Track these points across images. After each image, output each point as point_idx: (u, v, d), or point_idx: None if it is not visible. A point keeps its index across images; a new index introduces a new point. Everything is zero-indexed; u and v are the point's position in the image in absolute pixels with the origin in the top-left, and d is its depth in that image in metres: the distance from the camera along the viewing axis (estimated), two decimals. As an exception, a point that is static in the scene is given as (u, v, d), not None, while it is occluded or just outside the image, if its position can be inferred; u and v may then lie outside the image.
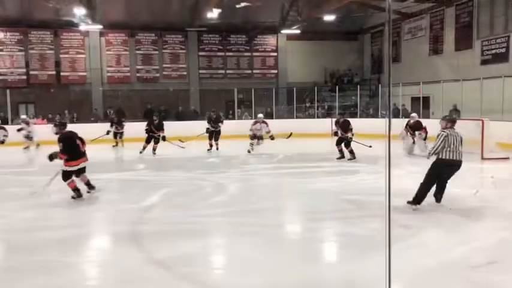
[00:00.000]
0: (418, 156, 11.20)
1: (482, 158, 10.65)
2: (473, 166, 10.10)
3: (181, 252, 4.62)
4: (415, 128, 11.66)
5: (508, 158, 10.61)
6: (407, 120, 12.24)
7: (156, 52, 21.24)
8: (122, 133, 14.83)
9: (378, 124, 15.29)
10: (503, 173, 9.25)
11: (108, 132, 14.52)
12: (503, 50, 14.85)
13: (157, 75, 21.30)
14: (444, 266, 4.12)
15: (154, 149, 12.67)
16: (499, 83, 13.84)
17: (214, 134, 13.48)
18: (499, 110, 13.48)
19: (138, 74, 21.08)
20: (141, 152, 12.54)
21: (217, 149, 13.48)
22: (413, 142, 11.67)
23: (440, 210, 6.10)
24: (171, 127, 17.40)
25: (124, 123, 14.91)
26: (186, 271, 4.13)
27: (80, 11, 17.38)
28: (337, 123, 11.41)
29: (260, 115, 13.59)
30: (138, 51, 21.03)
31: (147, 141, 12.73)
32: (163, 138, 12.67)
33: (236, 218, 5.96)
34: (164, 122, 13.15)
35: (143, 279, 3.98)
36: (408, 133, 11.74)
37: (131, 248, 4.78)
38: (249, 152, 12.62)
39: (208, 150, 13.36)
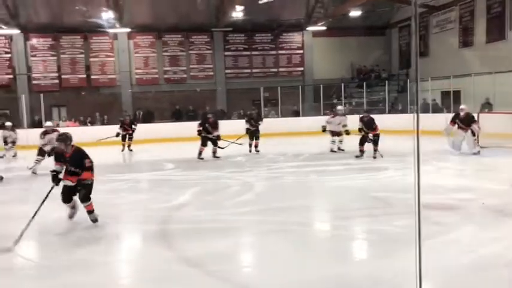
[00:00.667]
0: (466, 153, 10.60)
1: (517, 153, 10.34)
2: (506, 161, 9.83)
3: (210, 250, 4.67)
4: (467, 121, 10.54)
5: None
6: (454, 114, 11.15)
7: (183, 53, 21.47)
8: (131, 135, 14.11)
9: (407, 120, 15.00)
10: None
11: (117, 134, 13.90)
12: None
13: (185, 76, 21.53)
14: (477, 264, 4.03)
15: (214, 152, 11.62)
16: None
17: (254, 134, 12.61)
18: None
19: (165, 76, 21.36)
20: (201, 158, 11.45)
21: (257, 151, 12.55)
22: (463, 138, 10.65)
23: (473, 206, 5.97)
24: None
25: (135, 126, 14.17)
26: (216, 269, 4.18)
27: (108, 15, 17.79)
28: (361, 120, 10.83)
29: (340, 107, 12.51)
30: (165, 53, 21.31)
31: (203, 144, 11.51)
32: (218, 138, 11.53)
33: (264, 217, 5.99)
34: (195, 123, 12.09)
35: (173, 278, 4.05)
36: (457, 127, 10.72)
37: (162, 247, 4.87)
38: (333, 151, 11.79)
39: (250, 151, 12.53)
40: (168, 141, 15.94)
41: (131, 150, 14.16)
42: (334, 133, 11.95)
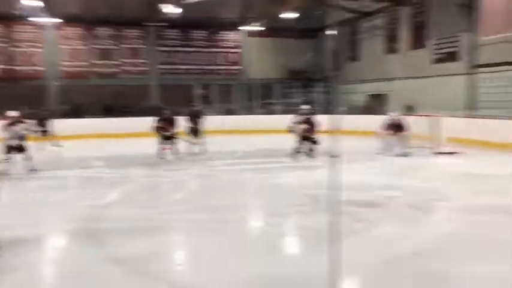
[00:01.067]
0: (398, 155, 10.99)
1: (435, 153, 11.10)
2: (427, 160, 10.53)
3: (141, 249, 4.59)
4: (397, 127, 11.09)
5: (457, 153, 11.11)
6: (385, 118, 11.52)
7: (115, 47, 20.80)
8: (45, 131, 13.38)
9: (337, 120, 15.58)
10: (454, 167, 9.70)
11: (35, 132, 12.76)
12: (453, 49, 15.48)
13: (116, 70, 20.88)
14: (396, 257, 4.30)
15: (175, 152, 10.85)
16: (450, 80, 14.47)
17: (197, 131, 12.05)
18: (451, 106, 14.10)
19: (95, 69, 20.57)
20: (162, 158, 10.68)
21: (203, 149, 11.86)
22: (393, 142, 11.13)
23: (395, 203, 6.34)
24: (131, 123, 17.24)
25: (48, 122, 13.42)
26: (145, 269, 4.12)
27: (35, 4, 16.78)
28: (305, 121, 10.81)
29: (304, 106, 11.83)
30: (95, 46, 20.52)
31: (163, 142, 10.82)
32: (174, 135, 10.91)
33: (197, 215, 5.97)
34: (127, 119, 11.78)
35: (102, 278, 3.93)
36: (387, 132, 11.22)
37: (89, 247, 4.72)
38: (299, 152, 10.84)
39: (190, 150, 11.75)
40: (98, 138, 15.38)
41: (61, 146, 13.33)
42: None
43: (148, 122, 11.26)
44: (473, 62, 14.57)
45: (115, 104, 19.08)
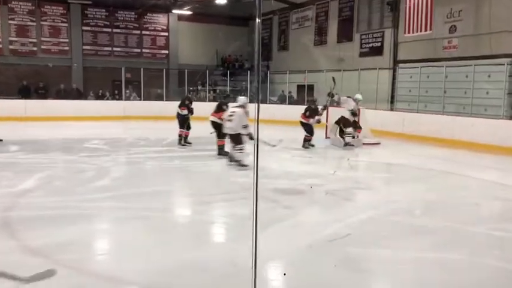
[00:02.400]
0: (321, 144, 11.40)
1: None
2: (351, 150, 10.98)
3: (59, 238, 4.35)
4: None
5: (379, 143, 11.71)
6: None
7: (34, 23, 19.42)
8: None
9: (266, 109, 15.82)
10: (375, 157, 10.21)
11: None
12: (378, 44, 16.22)
13: (35, 48, 19.54)
14: (320, 242, 4.44)
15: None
16: (374, 74, 15.15)
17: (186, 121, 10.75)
18: (374, 99, 14.80)
19: (11, 47, 19.12)
20: (188, 143, 10.14)
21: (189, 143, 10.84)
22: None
23: (320, 191, 6.55)
24: (51, 106, 16.26)
25: None
26: (65, 258, 3.91)
27: None
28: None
29: (358, 95, 11.53)
30: (11, 21, 19.02)
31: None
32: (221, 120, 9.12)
33: (121, 203, 5.76)
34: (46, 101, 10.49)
35: (17, 268, 3.67)
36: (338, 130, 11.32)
37: (3, 236, 4.39)
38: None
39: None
40: (13, 120, 14.33)
41: None
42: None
43: (68, 105, 10.67)
44: (395, 58, 15.38)
45: (32, 85, 17.85)
